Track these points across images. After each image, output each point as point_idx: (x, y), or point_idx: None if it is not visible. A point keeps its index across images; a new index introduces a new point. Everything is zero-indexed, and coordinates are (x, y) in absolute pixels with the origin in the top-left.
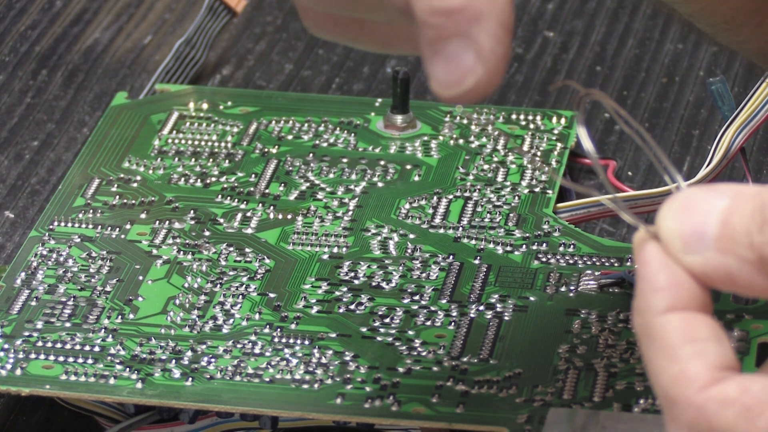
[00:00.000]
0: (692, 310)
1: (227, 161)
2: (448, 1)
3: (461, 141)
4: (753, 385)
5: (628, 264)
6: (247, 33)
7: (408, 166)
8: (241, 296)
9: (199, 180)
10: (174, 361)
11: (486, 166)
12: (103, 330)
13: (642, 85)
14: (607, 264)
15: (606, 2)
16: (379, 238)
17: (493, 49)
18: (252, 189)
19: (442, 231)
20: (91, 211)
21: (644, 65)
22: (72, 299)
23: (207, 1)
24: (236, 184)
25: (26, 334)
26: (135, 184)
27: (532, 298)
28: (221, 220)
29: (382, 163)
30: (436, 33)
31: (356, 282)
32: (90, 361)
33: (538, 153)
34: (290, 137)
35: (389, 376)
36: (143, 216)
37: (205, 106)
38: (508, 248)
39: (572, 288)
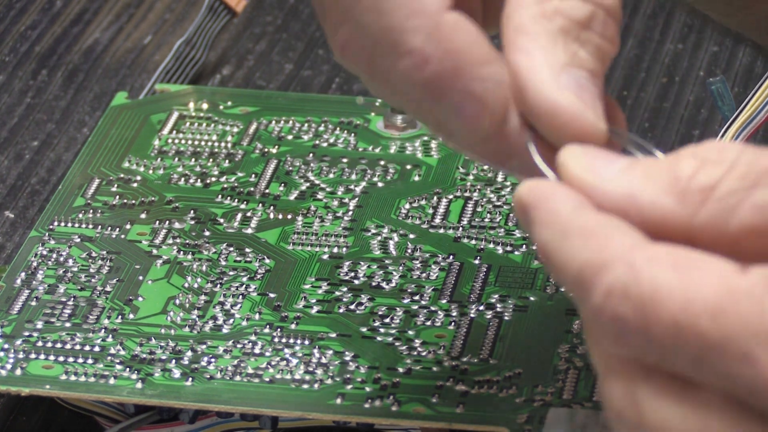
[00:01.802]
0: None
1: (227, 161)
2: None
3: None
4: (684, 249)
5: None
6: (247, 33)
7: (408, 166)
8: (241, 296)
9: (199, 180)
10: (174, 361)
11: (486, 166)
12: (103, 330)
13: (642, 85)
14: None
15: None
16: (379, 238)
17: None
18: (252, 189)
19: (442, 231)
20: (91, 211)
21: (644, 65)
22: (72, 299)
23: (207, 1)
24: (236, 184)
25: (26, 334)
26: (135, 184)
27: (532, 298)
28: (221, 220)
29: (382, 163)
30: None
31: (356, 282)
32: (90, 361)
33: None
34: (290, 137)
35: (389, 376)
36: (143, 216)
37: (205, 106)
38: (509, 248)
39: None
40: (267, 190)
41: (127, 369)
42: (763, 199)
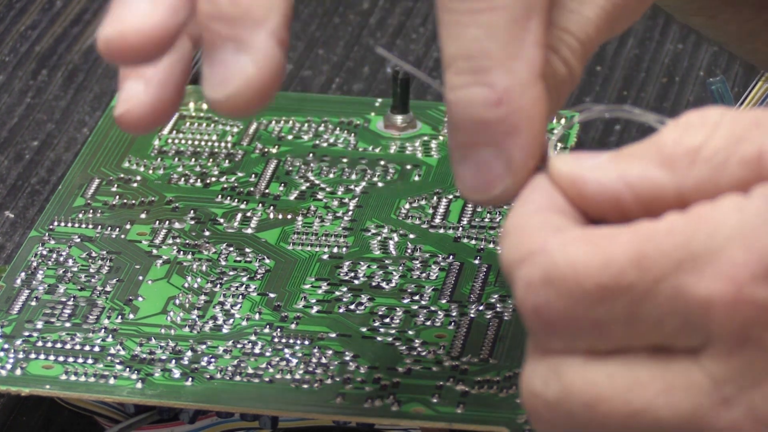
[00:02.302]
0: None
1: (227, 161)
2: (485, 112)
3: None
4: (593, 228)
5: None
6: None
7: (408, 166)
8: (241, 296)
9: (199, 180)
10: (174, 361)
11: None
12: (103, 330)
13: (642, 85)
14: None
15: None
16: (379, 238)
17: (525, 162)
18: (252, 189)
19: (442, 231)
20: (91, 211)
21: (644, 65)
22: (72, 299)
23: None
24: (236, 184)
25: (26, 334)
26: (135, 184)
27: None
28: (221, 220)
29: (382, 163)
30: (468, 139)
31: (356, 282)
32: (90, 361)
33: None
34: (290, 137)
35: (389, 376)
36: (143, 216)
37: (205, 106)
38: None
39: None
40: (267, 190)
41: (127, 369)
42: (749, 153)
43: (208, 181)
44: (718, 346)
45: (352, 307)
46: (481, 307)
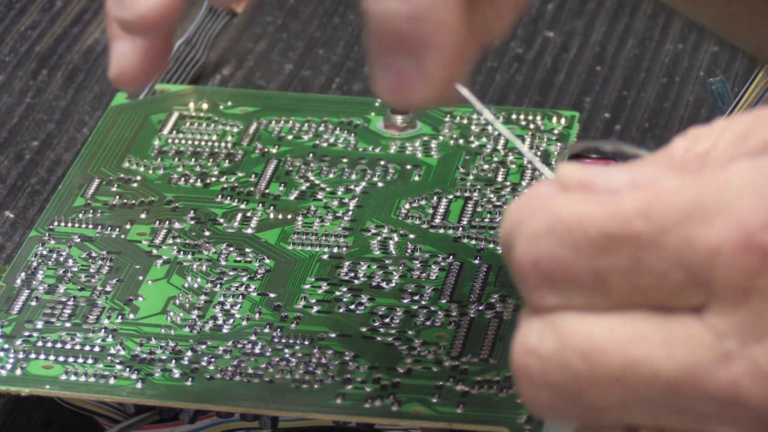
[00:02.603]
0: None
1: (227, 161)
2: (401, 24)
3: (461, 141)
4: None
5: None
6: (247, 33)
7: (408, 166)
8: (241, 296)
9: (199, 180)
10: (174, 361)
11: (486, 166)
12: (103, 330)
13: (642, 85)
14: None
15: (606, 2)
16: (379, 238)
17: (440, 75)
18: (252, 189)
19: (442, 231)
20: (91, 211)
21: (644, 65)
22: (72, 299)
23: (207, 1)
24: (236, 184)
25: (26, 334)
26: (135, 184)
27: None
28: (221, 220)
29: (382, 163)
30: (387, 48)
31: (356, 282)
32: (90, 361)
33: (538, 153)
34: (290, 137)
35: (389, 376)
36: (143, 216)
37: (205, 106)
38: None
39: None
40: (267, 190)
41: (127, 369)
42: (756, 145)
43: (208, 181)
44: (721, 299)
45: (352, 307)
46: (481, 307)
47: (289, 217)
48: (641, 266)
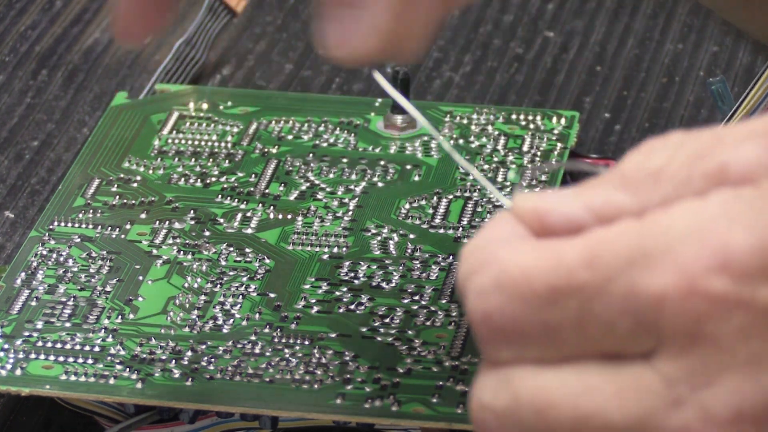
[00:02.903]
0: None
1: (227, 161)
2: None
3: (461, 141)
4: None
5: None
6: (247, 33)
7: (408, 166)
8: (241, 296)
9: (199, 180)
10: (174, 361)
11: (486, 166)
12: (103, 330)
13: (642, 85)
14: None
15: (606, 2)
16: (379, 238)
17: (388, 25)
18: (252, 189)
19: (442, 231)
20: (91, 211)
21: (644, 65)
22: (72, 299)
23: (207, 1)
24: (236, 184)
25: (26, 334)
26: (135, 184)
27: None
28: (221, 220)
29: (382, 163)
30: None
31: (356, 282)
32: (90, 361)
33: (538, 153)
34: (290, 137)
35: (389, 376)
36: (143, 216)
37: (205, 106)
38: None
39: None
40: (267, 190)
41: (127, 369)
42: (711, 167)
43: (208, 181)
44: (670, 345)
45: (352, 307)
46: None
47: (289, 217)
48: (589, 316)
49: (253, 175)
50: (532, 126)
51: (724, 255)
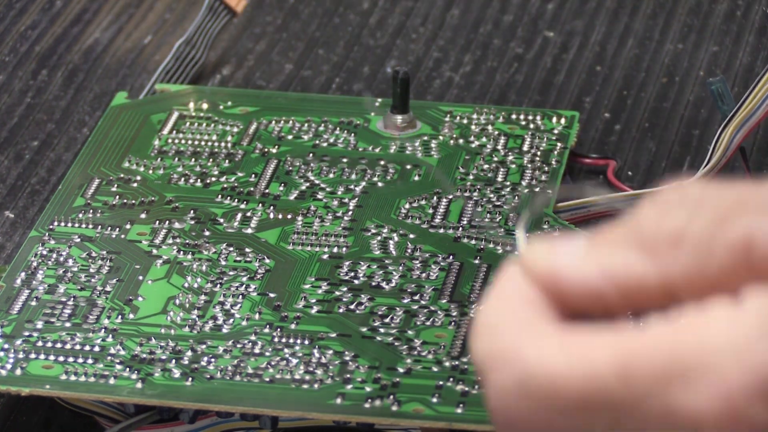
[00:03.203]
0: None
1: (227, 161)
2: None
3: (461, 141)
4: (570, 328)
5: None
6: (247, 33)
7: (408, 166)
8: (241, 296)
9: (199, 180)
10: (174, 361)
11: (486, 166)
12: (103, 330)
13: (642, 85)
14: None
15: (606, 2)
16: (379, 238)
17: None
18: (252, 189)
19: (442, 231)
20: (91, 211)
21: (644, 65)
22: (72, 299)
23: (207, 1)
24: (236, 184)
25: (26, 334)
26: (135, 184)
27: None
28: (221, 220)
29: (382, 163)
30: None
31: (356, 282)
32: (90, 361)
33: (538, 153)
34: (290, 137)
35: (389, 376)
36: (143, 216)
37: (205, 106)
38: (508, 248)
39: None
40: (267, 190)
41: (127, 369)
42: (735, 237)
43: (208, 181)
44: None
45: (352, 307)
46: (481, 307)
47: (289, 217)
48: (620, 428)
49: (253, 175)
50: (532, 126)
51: (766, 380)
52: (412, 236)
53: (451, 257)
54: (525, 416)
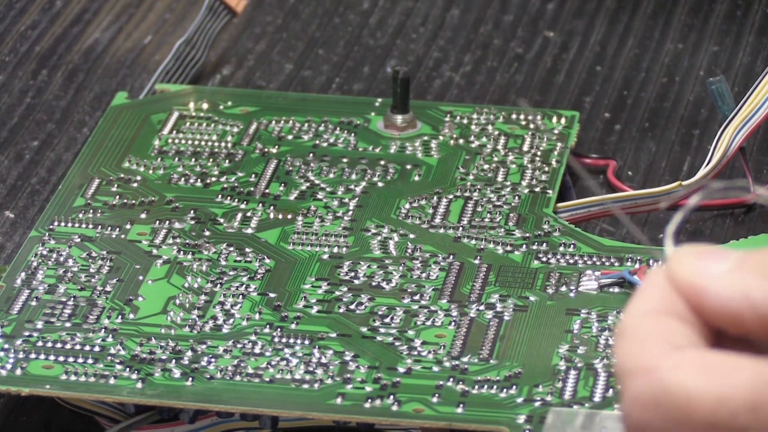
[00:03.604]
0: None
1: (227, 161)
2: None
3: (461, 141)
4: (710, 353)
5: (628, 264)
6: (247, 33)
7: (408, 166)
8: (241, 296)
9: (199, 180)
10: (174, 361)
11: (486, 166)
12: (103, 330)
13: (642, 85)
14: (607, 264)
15: (606, 2)
16: (379, 238)
17: None
18: (252, 189)
19: (442, 231)
20: (91, 211)
21: (644, 65)
22: (72, 299)
23: (207, 1)
24: (236, 184)
25: (26, 334)
26: (135, 184)
27: (532, 298)
28: (221, 220)
29: (382, 163)
30: None
31: (356, 282)
32: (90, 361)
33: (538, 153)
34: (290, 137)
35: (389, 376)
36: (143, 216)
37: (205, 106)
38: (508, 248)
39: (572, 288)
40: (267, 190)
41: (127, 369)
42: None
43: (208, 181)
44: None
45: (352, 307)
46: (481, 307)
47: (289, 217)
48: None
49: (253, 175)
50: (532, 126)
51: None
52: (412, 236)
53: (451, 257)
54: (655, 427)
